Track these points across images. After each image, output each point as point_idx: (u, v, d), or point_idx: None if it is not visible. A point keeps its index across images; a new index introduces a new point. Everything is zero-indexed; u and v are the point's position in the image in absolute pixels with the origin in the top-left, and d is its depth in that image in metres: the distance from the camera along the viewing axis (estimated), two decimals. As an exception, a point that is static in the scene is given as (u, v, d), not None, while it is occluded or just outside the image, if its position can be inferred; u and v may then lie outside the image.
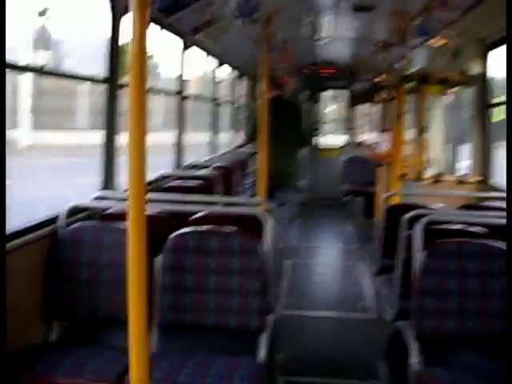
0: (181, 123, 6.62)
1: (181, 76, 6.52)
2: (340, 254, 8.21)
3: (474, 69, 5.80)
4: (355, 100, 12.80)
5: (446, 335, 3.14)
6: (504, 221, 3.80)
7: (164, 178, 5.64)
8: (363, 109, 13.55)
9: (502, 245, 3.21)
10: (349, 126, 12.63)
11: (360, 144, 12.71)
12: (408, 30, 5.63)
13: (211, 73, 8.51)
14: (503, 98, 5.49)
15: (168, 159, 6.44)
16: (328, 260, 7.83)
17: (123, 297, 3.24)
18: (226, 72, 9.35)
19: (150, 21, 1.73)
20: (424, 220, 3.39)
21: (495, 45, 5.60)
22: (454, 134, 7.74)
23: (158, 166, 5.43)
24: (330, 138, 13.18)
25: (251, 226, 3.49)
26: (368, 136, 13.22)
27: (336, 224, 10.03)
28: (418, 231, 3.33)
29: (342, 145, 12.52)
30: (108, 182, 4.42)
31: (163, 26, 5.43)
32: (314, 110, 12.55)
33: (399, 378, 3.83)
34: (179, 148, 6.66)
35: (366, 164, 10.49)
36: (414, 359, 3.11)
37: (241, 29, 6.42)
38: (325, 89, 12.72)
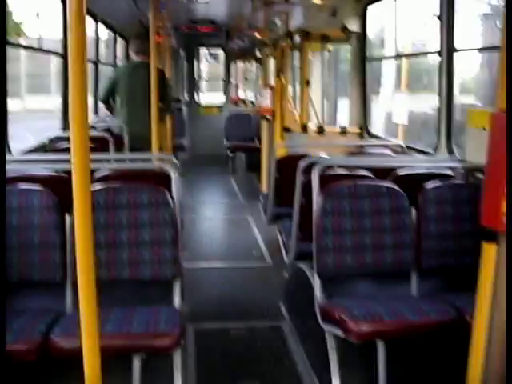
0: (65, 86, 6.45)
1: (64, 37, 6.32)
2: (228, 208, 8.40)
3: (353, 26, 6.12)
4: (235, 58, 12.91)
5: (346, 270, 3.46)
6: (388, 163, 4.18)
7: (56, 139, 5.52)
8: (243, 66, 13.72)
9: (388, 184, 3.55)
10: (228, 83, 12.73)
11: (240, 100, 12.90)
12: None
13: (90, 34, 8.27)
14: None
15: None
16: (216, 215, 7.99)
17: (34, 259, 3.25)
18: (106, 34, 9.10)
19: None
20: (320, 166, 3.65)
21: (372, 3, 5.96)
22: (333, 89, 8.13)
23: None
24: (211, 96, 13.24)
25: (155, 181, 3.59)
26: (248, 93, 13.45)
27: (221, 180, 10.20)
28: (315, 177, 3.59)
29: (222, 102, 12.65)
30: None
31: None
32: (192, 68, 12.53)
33: (302, 314, 4.16)
34: (65, 110, 6.50)
35: (248, 120, 10.74)
36: (318, 293, 3.41)
37: None
38: (203, 47, 12.70)
